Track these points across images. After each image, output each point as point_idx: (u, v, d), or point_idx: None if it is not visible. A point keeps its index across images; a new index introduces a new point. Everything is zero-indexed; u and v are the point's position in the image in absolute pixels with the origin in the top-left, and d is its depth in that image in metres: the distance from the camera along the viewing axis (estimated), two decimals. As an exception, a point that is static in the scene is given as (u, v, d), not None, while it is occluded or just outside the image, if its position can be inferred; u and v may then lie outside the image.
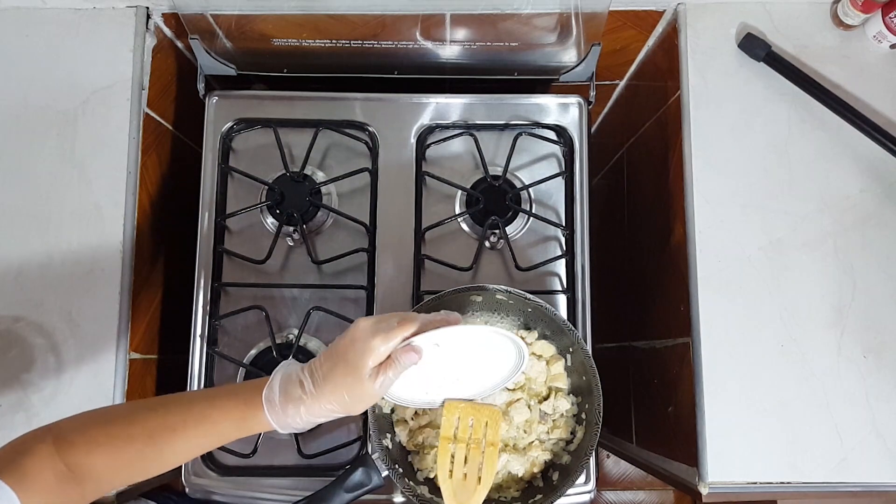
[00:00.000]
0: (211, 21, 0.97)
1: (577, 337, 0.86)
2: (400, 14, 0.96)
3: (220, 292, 0.99)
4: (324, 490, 0.75)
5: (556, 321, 0.86)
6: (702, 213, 0.92)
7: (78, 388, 0.90)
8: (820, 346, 0.89)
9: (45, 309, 0.91)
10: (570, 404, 0.88)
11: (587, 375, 0.86)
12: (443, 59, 1.05)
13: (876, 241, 0.91)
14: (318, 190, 1.00)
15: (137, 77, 0.98)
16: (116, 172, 0.95)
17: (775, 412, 0.87)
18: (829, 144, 0.93)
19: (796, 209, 0.92)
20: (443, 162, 1.03)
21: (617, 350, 1.22)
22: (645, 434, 1.10)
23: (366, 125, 1.02)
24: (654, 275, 1.08)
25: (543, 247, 1.01)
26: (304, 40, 1.01)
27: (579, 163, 1.01)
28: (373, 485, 0.77)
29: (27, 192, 0.94)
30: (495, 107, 1.03)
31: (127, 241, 0.94)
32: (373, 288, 0.98)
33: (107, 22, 0.98)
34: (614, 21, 1.04)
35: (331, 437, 0.97)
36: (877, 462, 0.86)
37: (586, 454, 0.85)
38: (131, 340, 0.94)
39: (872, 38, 0.94)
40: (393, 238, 0.99)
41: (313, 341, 0.99)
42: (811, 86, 0.91)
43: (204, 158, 1.01)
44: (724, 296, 0.90)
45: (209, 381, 0.97)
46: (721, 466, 0.86)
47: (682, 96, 0.95)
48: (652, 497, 1.89)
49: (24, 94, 0.96)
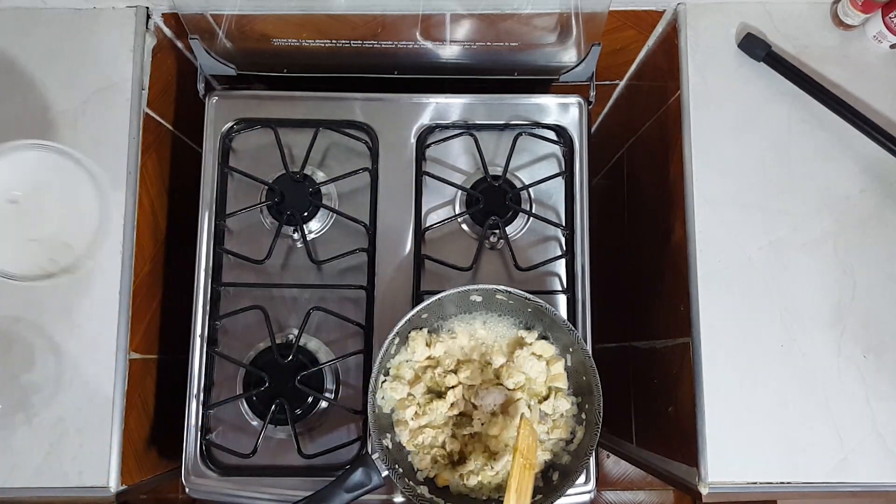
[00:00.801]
0: (211, 21, 0.97)
1: (577, 337, 0.86)
2: (400, 14, 0.96)
3: (219, 292, 0.99)
4: (324, 490, 0.75)
5: (557, 321, 0.86)
6: (702, 213, 0.92)
7: (78, 389, 0.90)
8: (820, 346, 0.89)
9: (45, 309, 0.91)
10: (570, 404, 0.88)
11: (587, 375, 0.86)
12: (443, 59, 1.05)
13: (876, 241, 0.91)
14: (318, 190, 1.00)
15: (137, 77, 0.98)
16: (116, 172, 0.95)
17: (775, 412, 0.87)
18: (829, 144, 0.93)
19: (796, 209, 0.92)
20: (443, 162, 1.03)
21: (617, 350, 1.22)
22: (645, 434, 1.10)
23: (366, 125, 1.02)
24: (653, 275, 1.08)
25: (543, 247, 1.01)
26: (304, 40, 1.01)
27: (579, 163, 1.01)
28: (373, 485, 0.77)
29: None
30: (495, 107, 1.03)
31: (127, 241, 0.94)
32: (373, 288, 0.98)
33: (107, 22, 0.98)
34: (614, 21, 1.04)
35: (331, 437, 0.97)
36: (877, 462, 0.86)
37: (586, 454, 0.85)
38: (131, 340, 0.94)
39: (872, 38, 0.94)
40: (393, 238, 0.99)
41: (313, 341, 0.99)
42: (811, 86, 0.91)
43: (204, 158, 1.00)
44: (724, 296, 0.90)
45: (209, 382, 0.97)
46: (721, 466, 0.86)
47: (682, 96, 0.95)
48: (652, 497, 1.89)
49: (24, 95, 0.96)
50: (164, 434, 1.04)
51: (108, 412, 0.90)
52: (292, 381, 0.94)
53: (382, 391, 0.88)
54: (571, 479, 0.84)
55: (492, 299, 0.89)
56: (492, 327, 0.91)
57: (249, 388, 0.96)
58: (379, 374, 0.87)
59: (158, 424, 1.04)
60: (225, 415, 0.97)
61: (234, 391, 0.97)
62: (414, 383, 0.88)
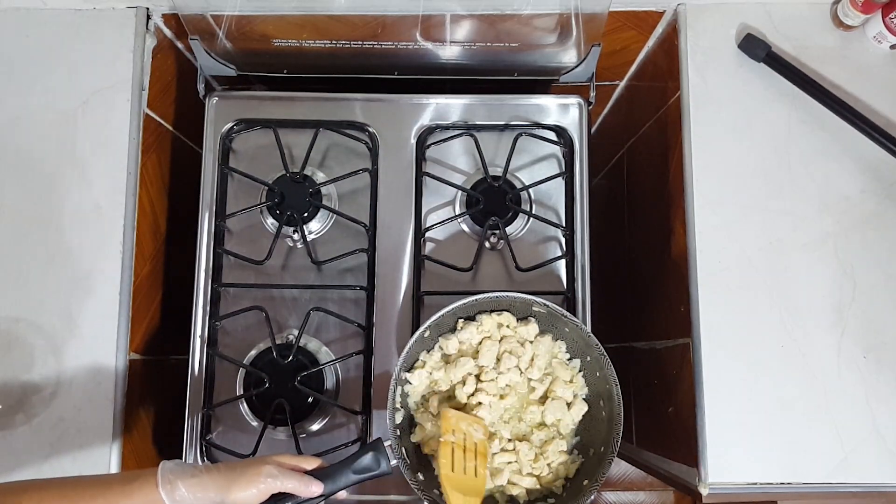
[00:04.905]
0: (211, 22, 0.97)
1: (608, 362, 0.87)
2: (400, 15, 0.96)
3: (220, 293, 0.99)
4: (332, 467, 0.77)
5: (590, 343, 0.88)
6: (702, 213, 0.92)
7: (78, 389, 0.90)
8: (820, 346, 0.89)
9: (45, 309, 0.91)
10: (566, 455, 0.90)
11: (610, 405, 0.88)
12: (443, 59, 1.05)
13: (876, 241, 0.91)
14: (318, 190, 1.00)
15: (137, 77, 0.98)
16: (116, 172, 0.95)
17: (775, 412, 0.87)
18: (829, 144, 0.93)
19: (796, 209, 0.92)
20: (443, 162, 1.03)
21: (617, 351, 1.22)
22: (645, 435, 1.10)
23: (366, 125, 1.02)
24: (654, 275, 1.08)
25: (543, 247, 1.01)
26: (305, 41, 1.01)
27: (579, 163, 1.01)
28: (380, 471, 0.78)
29: (27, 193, 0.94)
30: (495, 107, 1.03)
31: (127, 241, 0.94)
32: (373, 288, 0.98)
33: (107, 22, 0.98)
34: (614, 22, 1.04)
35: (330, 437, 0.97)
36: (877, 462, 0.86)
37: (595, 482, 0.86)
38: (131, 340, 0.94)
39: (872, 38, 0.94)
40: (393, 238, 0.99)
41: (313, 342, 0.99)
42: (811, 86, 0.91)
43: (204, 159, 1.00)
44: (725, 296, 0.90)
45: (209, 382, 0.97)
46: (721, 467, 0.86)
47: (682, 97, 0.95)
48: (652, 497, 1.89)
49: (24, 95, 0.96)
50: (164, 434, 1.04)
51: (109, 412, 0.90)
52: (292, 381, 0.94)
53: (405, 392, 0.89)
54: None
55: (529, 309, 0.90)
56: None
57: (249, 389, 0.96)
58: (403, 366, 0.87)
59: (158, 424, 1.04)
60: (225, 415, 0.97)
61: (234, 391, 0.97)
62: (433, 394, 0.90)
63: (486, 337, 0.90)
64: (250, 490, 0.71)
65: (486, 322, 0.90)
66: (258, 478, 0.71)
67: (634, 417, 1.13)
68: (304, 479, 0.74)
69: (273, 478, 0.71)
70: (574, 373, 0.91)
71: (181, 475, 0.70)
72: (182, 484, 0.69)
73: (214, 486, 0.70)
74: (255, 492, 0.71)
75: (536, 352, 0.90)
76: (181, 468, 0.71)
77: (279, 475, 0.72)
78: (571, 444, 0.90)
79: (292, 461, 0.75)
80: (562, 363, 0.91)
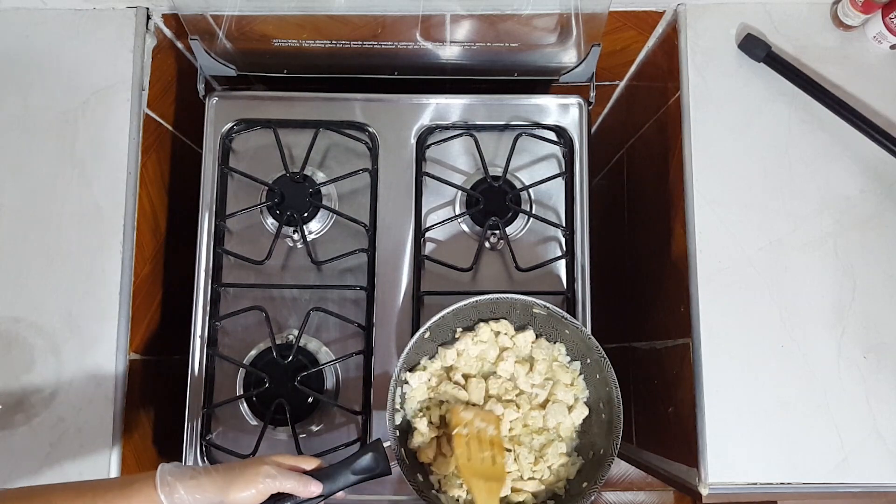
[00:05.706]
0: (211, 22, 0.97)
1: (608, 365, 0.87)
2: (400, 15, 0.96)
3: (219, 293, 0.99)
4: (332, 468, 0.77)
5: (591, 346, 0.88)
6: (702, 213, 0.92)
7: (78, 389, 0.90)
8: (820, 346, 0.89)
9: (45, 309, 0.91)
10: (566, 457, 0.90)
11: (610, 408, 0.87)
12: (443, 59, 1.05)
13: (876, 241, 0.91)
14: (318, 190, 1.00)
15: (137, 78, 0.98)
16: (116, 173, 0.95)
17: (775, 412, 0.87)
18: (829, 144, 0.93)
19: (796, 209, 0.92)
20: (443, 162, 1.03)
21: (617, 351, 1.22)
22: (645, 435, 1.10)
23: (366, 126, 1.02)
24: (654, 275, 1.08)
25: (543, 247, 1.01)
26: (304, 41, 1.01)
27: (579, 163, 1.01)
28: (379, 471, 0.78)
29: (27, 193, 0.93)
30: (495, 107, 1.03)
31: (127, 241, 0.94)
32: (373, 288, 0.98)
33: (107, 22, 0.98)
34: (614, 22, 1.04)
35: (330, 437, 0.97)
36: (877, 462, 0.86)
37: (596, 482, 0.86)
38: (131, 340, 0.94)
39: (872, 38, 0.94)
40: (393, 238, 0.99)
41: (313, 342, 0.99)
42: (811, 86, 0.91)
43: (204, 159, 1.01)
44: (724, 296, 0.90)
45: (209, 382, 0.97)
46: (721, 467, 0.86)
47: (682, 97, 0.95)
48: (652, 498, 1.89)
49: (24, 95, 0.96)
50: (164, 434, 1.04)
51: (109, 412, 0.90)
52: (292, 381, 0.94)
53: (404, 394, 0.89)
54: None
55: (529, 311, 0.90)
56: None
57: (249, 389, 0.96)
58: (403, 367, 0.87)
59: (158, 424, 1.04)
60: (225, 415, 0.97)
61: (234, 391, 0.97)
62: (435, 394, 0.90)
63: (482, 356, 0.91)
64: (249, 490, 0.71)
65: (482, 332, 0.90)
66: (257, 478, 0.71)
67: (634, 417, 1.13)
68: (303, 479, 0.74)
69: (272, 478, 0.71)
70: (574, 375, 0.91)
71: (180, 477, 0.70)
72: (181, 486, 0.69)
73: (213, 488, 0.70)
74: (254, 492, 0.71)
75: (536, 357, 0.90)
76: (180, 470, 0.71)
77: (278, 475, 0.72)
78: (571, 446, 0.90)
79: (291, 461, 0.75)
80: (562, 366, 0.91)
